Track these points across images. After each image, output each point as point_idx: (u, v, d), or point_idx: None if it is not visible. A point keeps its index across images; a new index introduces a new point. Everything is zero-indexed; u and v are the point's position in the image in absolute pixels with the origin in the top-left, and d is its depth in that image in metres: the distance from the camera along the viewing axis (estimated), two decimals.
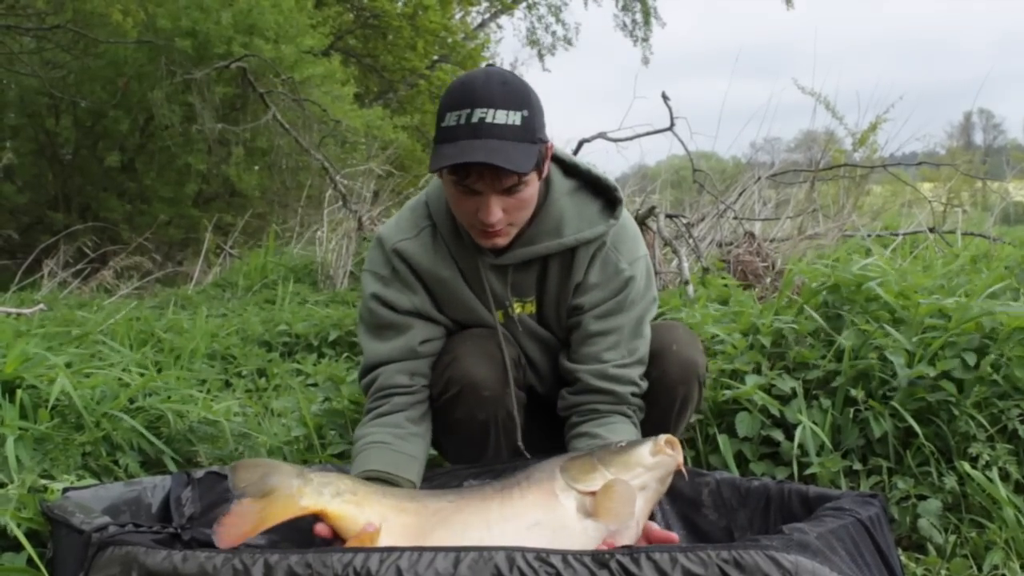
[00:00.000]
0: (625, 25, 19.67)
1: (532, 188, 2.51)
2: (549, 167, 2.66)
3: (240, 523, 2.16)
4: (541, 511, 2.24)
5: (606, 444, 2.35)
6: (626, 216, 2.79)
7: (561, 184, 2.71)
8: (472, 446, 2.76)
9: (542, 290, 2.76)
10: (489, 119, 2.36)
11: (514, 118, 2.38)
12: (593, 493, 2.22)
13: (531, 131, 2.40)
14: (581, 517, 2.22)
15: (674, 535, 2.26)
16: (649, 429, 2.68)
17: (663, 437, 2.24)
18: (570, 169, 2.75)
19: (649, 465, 2.23)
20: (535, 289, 2.76)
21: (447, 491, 2.39)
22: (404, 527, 2.26)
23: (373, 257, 2.79)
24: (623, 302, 2.72)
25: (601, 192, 2.74)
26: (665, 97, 7.32)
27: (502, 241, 2.58)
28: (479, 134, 2.36)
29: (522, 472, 2.33)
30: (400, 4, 18.15)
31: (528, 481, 2.29)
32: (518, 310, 2.78)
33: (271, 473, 2.27)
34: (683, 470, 2.27)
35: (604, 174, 2.75)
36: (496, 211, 2.47)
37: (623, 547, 1.89)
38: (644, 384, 2.74)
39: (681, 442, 2.30)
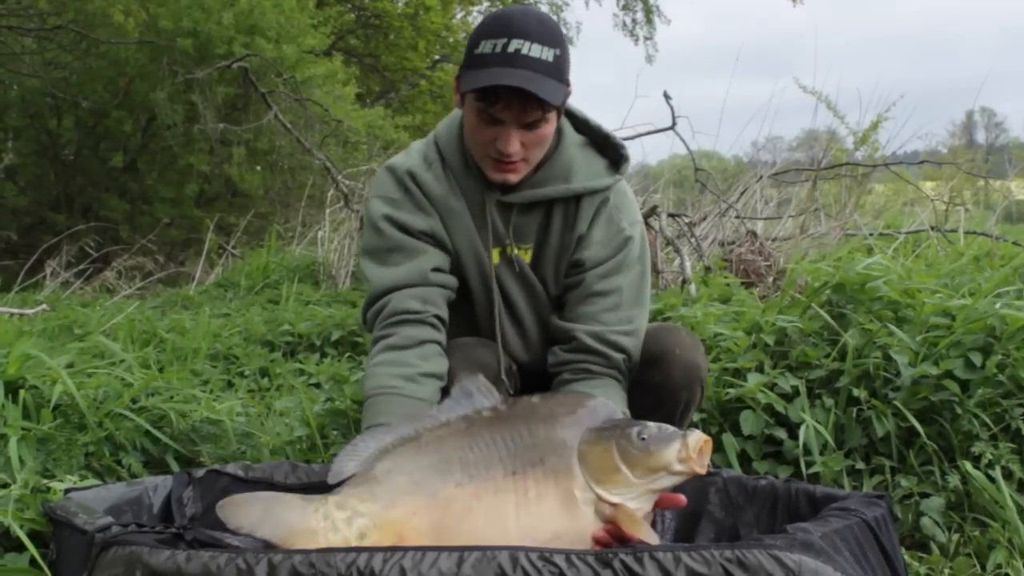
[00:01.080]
0: (625, 24, 19.65)
1: (551, 127, 2.58)
2: (562, 119, 2.74)
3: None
4: (560, 522, 2.18)
5: (629, 428, 2.24)
6: (626, 186, 2.86)
7: (572, 136, 2.77)
8: None
9: (543, 239, 2.77)
10: (524, 51, 2.44)
11: (548, 54, 2.45)
12: (614, 505, 2.19)
13: (561, 70, 2.49)
14: (598, 522, 2.21)
15: (681, 497, 2.24)
16: None
17: (694, 441, 2.17)
18: (580, 125, 2.81)
19: (675, 471, 2.20)
20: (535, 236, 2.77)
21: (454, 454, 2.25)
22: (420, 535, 2.20)
23: (382, 183, 2.79)
24: (623, 262, 2.75)
25: (606, 151, 2.80)
26: (667, 96, 7.32)
27: (513, 177, 2.62)
28: (514, 63, 2.43)
29: (536, 440, 2.23)
30: (401, 4, 18.15)
31: (544, 470, 2.21)
32: (516, 253, 2.78)
33: (274, 509, 2.20)
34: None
35: (612, 133, 2.81)
36: (515, 142, 2.53)
37: (627, 546, 1.88)
38: (636, 358, 2.74)
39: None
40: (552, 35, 2.49)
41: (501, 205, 2.73)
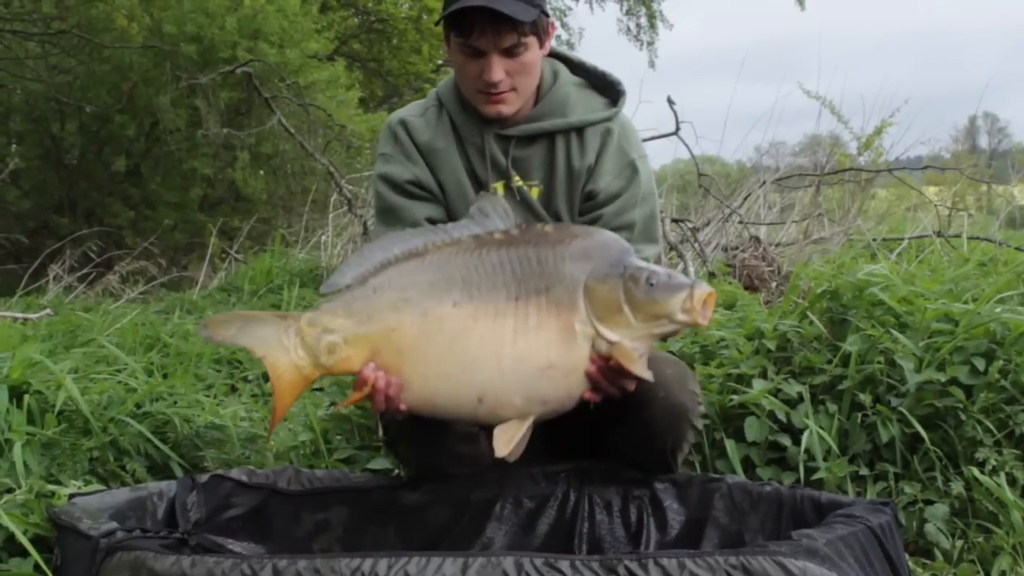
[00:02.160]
0: (629, 30, 19.64)
1: (533, 54, 2.65)
2: (556, 62, 2.84)
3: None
4: (556, 352, 2.22)
5: (638, 271, 2.25)
6: (628, 118, 2.92)
7: (568, 76, 2.86)
8: (432, 479, 2.76)
9: (550, 173, 2.80)
10: None
11: None
12: (612, 342, 2.20)
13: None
14: (593, 357, 2.23)
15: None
16: (638, 463, 2.73)
17: (699, 293, 2.20)
18: (576, 68, 2.89)
19: (677, 320, 2.22)
20: (542, 171, 2.81)
21: (457, 272, 2.28)
22: (400, 352, 2.26)
23: (382, 139, 2.90)
24: (636, 194, 2.78)
25: (605, 92, 2.86)
26: (671, 101, 7.31)
27: (505, 108, 2.69)
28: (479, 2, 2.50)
29: (545, 268, 2.26)
30: (405, 8, 18.16)
31: (548, 299, 2.24)
32: (520, 184, 2.81)
33: (250, 324, 2.33)
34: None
35: (608, 72, 2.88)
36: (498, 70, 2.60)
37: (631, 552, 1.89)
38: None
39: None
40: None
41: (499, 138, 2.78)
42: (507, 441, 2.26)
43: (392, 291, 2.30)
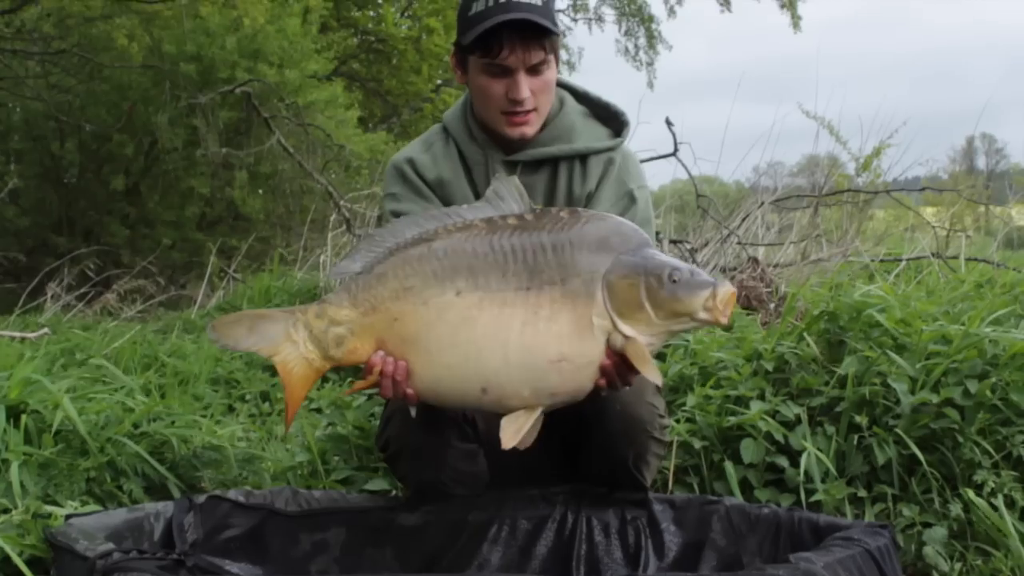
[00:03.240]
0: (628, 50, 19.68)
1: (552, 73, 2.70)
2: (562, 91, 2.87)
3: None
4: (569, 344, 2.21)
5: (661, 267, 2.24)
6: (631, 149, 2.95)
7: (573, 105, 2.89)
8: (430, 499, 2.75)
9: (552, 199, 2.83)
10: None
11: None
12: (627, 337, 2.19)
13: (551, 14, 2.62)
14: (607, 350, 2.22)
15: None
16: (602, 479, 2.74)
17: (723, 293, 2.19)
18: (581, 97, 2.93)
19: (698, 319, 2.21)
20: (544, 197, 2.83)
21: (463, 260, 2.27)
22: (404, 341, 2.26)
23: (387, 180, 2.90)
24: (632, 221, 2.77)
25: (608, 122, 2.90)
26: (669, 123, 7.33)
27: (529, 129, 2.71)
28: (508, 9, 2.56)
29: (561, 259, 2.23)
30: (404, 28, 18.21)
31: (563, 291, 2.22)
32: None
33: (258, 323, 2.33)
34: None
35: (612, 102, 2.92)
36: (525, 88, 2.63)
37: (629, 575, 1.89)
38: None
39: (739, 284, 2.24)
40: None
41: (506, 164, 2.80)
42: (514, 432, 2.25)
43: (395, 280, 2.30)
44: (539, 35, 2.60)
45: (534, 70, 2.64)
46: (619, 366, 2.25)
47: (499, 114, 2.70)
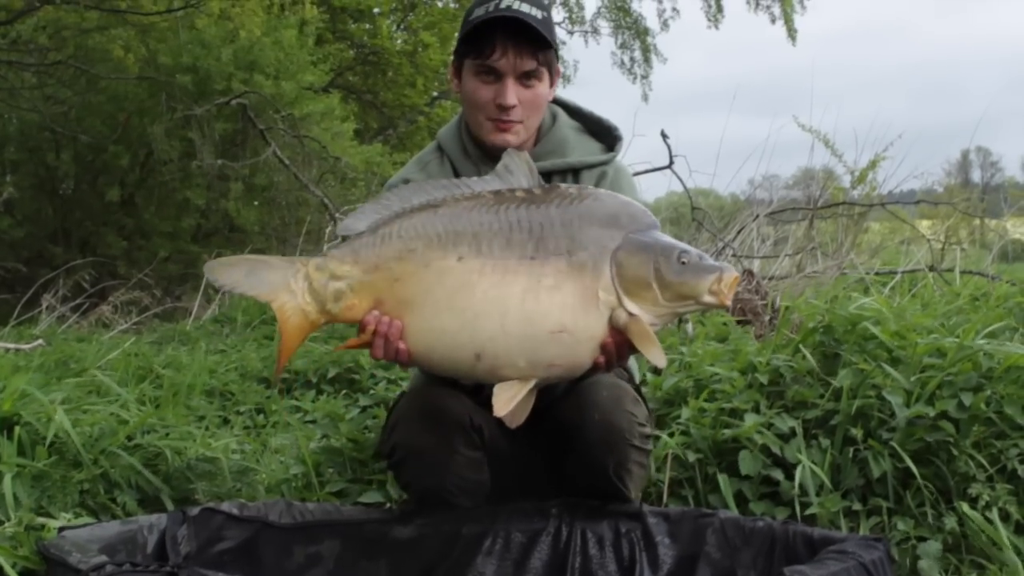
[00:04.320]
0: (623, 63, 19.73)
1: (544, 88, 2.71)
2: (555, 107, 2.90)
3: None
4: (571, 316, 2.21)
5: (670, 249, 2.26)
6: (623, 164, 2.97)
7: (566, 120, 2.91)
8: (435, 505, 2.74)
9: None
10: (515, 6, 2.60)
11: (537, 13, 2.62)
12: (631, 315, 2.21)
13: (549, 29, 2.65)
14: (612, 332, 2.23)
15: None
16: (585, 489, 2.72)
17: (728, 277, 2.22)
18: (574, 113, 2.95)
19: (703, 301, 2.24)
20: None
21: (468, 227, 2.28)
22: (401, 302, 2.28)
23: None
24: None
25: (600, 137, 2.92)
26: (664, 135, 7.36)
27: (512, 138, 2.70)
28: (505, 14, 2.59)
29: (570, 231, 2.24)
30: (400, 42, 18.24)
31: (569, 262, 2.23)
32: None
33: (257, 267, 2.34)
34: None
35: (605, 117, 2.95)
36: (512, 95, 2.64)
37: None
38: None
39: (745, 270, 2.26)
40: (540, 1, 2.67)
41: None
42: (507, 400, 2.25)
43: (400, 241, 2.32)
44: (532, 41, 2.62)
45: (525, 80, 2.66)
46: (619, 344, 2.27)
47: (485, 120, 2.72)
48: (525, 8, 2.61)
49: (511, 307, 2.21)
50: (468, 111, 2.79)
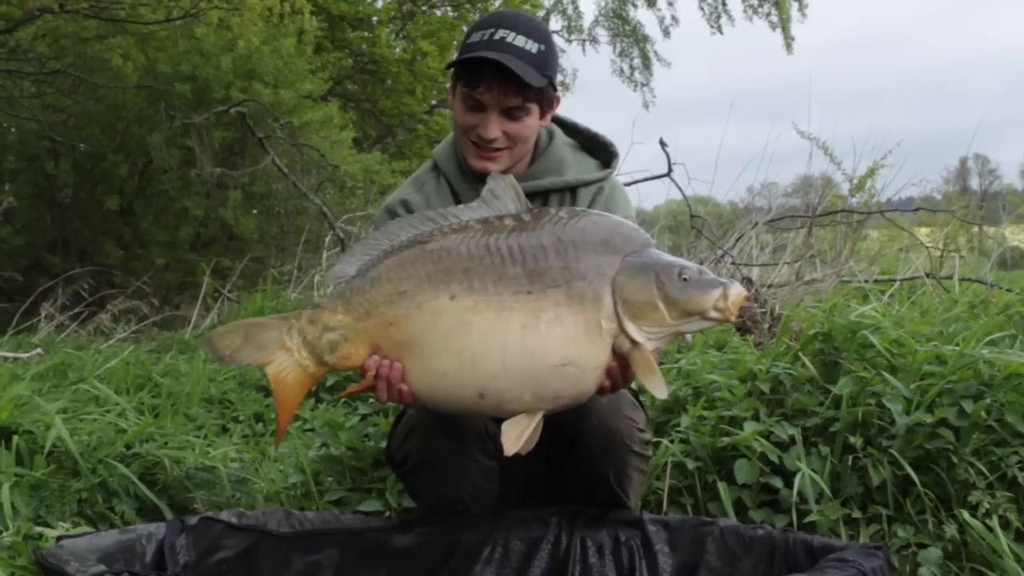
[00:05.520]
0: (622, 71, 19.72)
1: (532, 121, 2.68)
2: (551, 124, 2.88)
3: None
4: (575, 348, 2.18)
5: (670, 266, 2.24)
6: (619, 180, 2.97)
7: (562, 137, 2.91)
8: (445, 514, 2.73)
9: None
10: (510, 39, 2.57)
11: (532, 46, 2.58)
12: (634, 343, 2.18)
13: (544, 64, 2.61)
14: (615, 356, 2.21)
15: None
16: (585, 495, 2.73)
17: (734, 293, 2.20)
18: (570, 130, 2.95)
19: (709, 317, 2.22)
20: None
21: (458, 264, 2.24)
22: (398, 346, 2.24)
23: (378, 221, 2.87)
24: None
25: (596, 154, 2.92)
26: (663, 143, 7.35)
27: (493, 166, 2.67)
28: (498, 49, 2.56)
29: (565, 261, 2.21)
30: (399, 50, 18.25)
31: (568, 294, 2.20)
32: None
33: (253, 331, 2.32)
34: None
35: (601, 134, 2.95)
36: (495, 128, 2.63)
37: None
38: None
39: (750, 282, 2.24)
40: (539, 32, 2.64)
41: None
42: (516, 437, 2.22)
43: (389, 284, 2.28)
44: (520, 79, 2.58)
45: (510, 113, 2.64)
46: (624, 367, 2.25)
47: (468, 142, 2.72)
48: (519, 42, 2.59)
49: (510, 344, 2.18)
50: (456, 132, 2.80)
